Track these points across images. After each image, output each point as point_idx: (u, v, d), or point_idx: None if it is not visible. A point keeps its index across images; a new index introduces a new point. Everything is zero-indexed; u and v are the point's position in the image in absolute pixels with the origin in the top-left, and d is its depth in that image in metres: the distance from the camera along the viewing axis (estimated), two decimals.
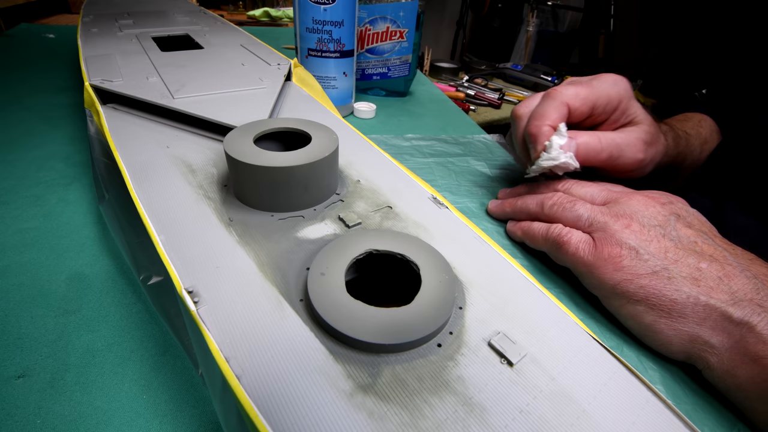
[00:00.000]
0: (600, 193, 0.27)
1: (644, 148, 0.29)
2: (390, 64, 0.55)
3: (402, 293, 0.17)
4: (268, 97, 0.30)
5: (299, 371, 0.13)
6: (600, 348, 0.15)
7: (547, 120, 0.28)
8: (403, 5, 0.51)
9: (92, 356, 0.20)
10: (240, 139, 0.21)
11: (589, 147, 0.28)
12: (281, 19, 1.13)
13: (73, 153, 0.37)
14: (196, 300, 0.15)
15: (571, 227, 0.25)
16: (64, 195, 0.31)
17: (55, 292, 0.23)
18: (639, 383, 0.14)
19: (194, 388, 0.19)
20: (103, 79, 0.30)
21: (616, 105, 0.29)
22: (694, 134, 0.42)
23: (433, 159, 0.41)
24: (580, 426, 0.12)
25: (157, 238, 0.18)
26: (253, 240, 0.18)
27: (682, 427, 0.13)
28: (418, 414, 0.12)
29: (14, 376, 0.19)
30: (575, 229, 0.25)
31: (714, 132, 0.44)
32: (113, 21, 0.49)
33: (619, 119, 0.30)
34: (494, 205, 0.33)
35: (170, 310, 0.20)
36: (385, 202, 0.22)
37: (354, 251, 0.16)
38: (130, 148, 0.24)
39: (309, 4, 0.42)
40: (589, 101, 0.29)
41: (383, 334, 0.13)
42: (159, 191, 0.21)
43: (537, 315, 0.16)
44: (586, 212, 0.25)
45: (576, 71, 1.56)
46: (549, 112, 0.28)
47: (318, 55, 0.45)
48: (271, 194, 0.20)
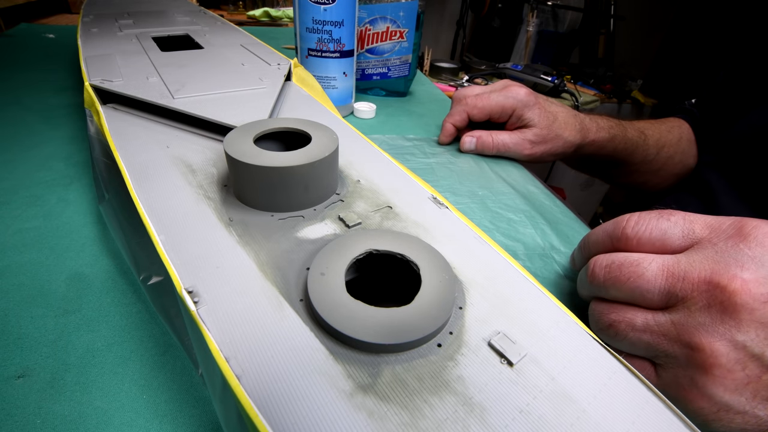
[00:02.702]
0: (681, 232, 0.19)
1: (530, 146, 0.40)
2: (390, 64, 0.55)
3: (402, 293, 0.17)
4: (268, 97, 0.30)
5: (299, 371, 0.13)
6: (600, 348, 0.15)
7: (450, 120, 0.42)
8: (403, 5, 0.51)
9: (92, 356, 0.20)
10: (240, 139, 0.21)
11: (482, 142, 0.41)
12: (281, 19, 1.13)
13: (73, 153, 0.37)
14: (196, 300, 0.15)
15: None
16: (64, 195, 0.31)
17: (55, 292, 0.23)
18: (639, 383, 0.14)
19: (194, 388, 0.19)
20: (103, 79, 0.30)
21: (510, 112, 0.40)
22: (652, 136, 0.48)
23: (434, 159, 0.41)
24: (580, 426, 0.12)
25: (157, 238, 0.18)
26: (253, 240, 0.18)
27: (682, 427, 0.13)
28: (418, 414, 0.12)
29: (14, 376, 0.19)
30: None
31: (683, 139, 0.50)
32: (113, 21, 0.49)
33: (515, 122, 0.40)
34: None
35: (170, 310, 0.20)
36: (385, 202, 0.22)
37: (354, 251, 0.16)
38: (130, 148, 0.24)
39: (309, 4, 0.42)
40: (484, 111, 0.40)
41: (383, 334, 0.13)
42: (159, 191, 0.21)
43: (537, 315, 0.16)
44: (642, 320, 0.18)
45: (576, 71, 1.55)
46: (453, 114, 0.42)
47: (318, 55, 0.45)
48: (271, 194, 0.20)
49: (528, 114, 0.39)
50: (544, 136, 0.39)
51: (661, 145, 0.48)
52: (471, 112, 0.40)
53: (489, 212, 0.33)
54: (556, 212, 0.34)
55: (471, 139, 0.41)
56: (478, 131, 0.41)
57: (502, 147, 0.40)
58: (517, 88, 0.39)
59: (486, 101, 0.40)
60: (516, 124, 0.40)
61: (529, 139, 0.39)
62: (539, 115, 0.39)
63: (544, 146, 0.40)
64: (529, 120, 0.39)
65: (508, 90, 0.39)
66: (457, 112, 0.41)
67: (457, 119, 0.41)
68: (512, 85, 0.40)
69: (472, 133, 0.41)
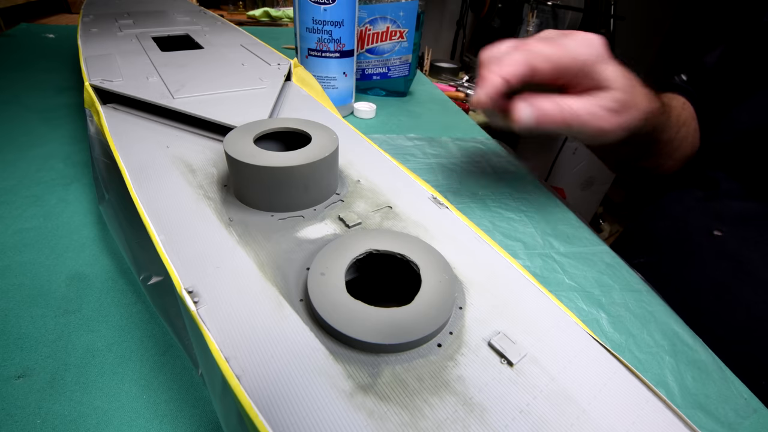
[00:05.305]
0: None
1: (608, 116, 0.27)
2: (390, 64, 0.55)
3: (402, 293, 0.17)
4: (268, 97, 0.30)
5: (299, 371, 0.13)
6: (600, 348, 0.15)
7: (500, 70, 0.25)
8: (403, 5, 0.51)
9: (92, 356, 0.20)
10: (240, 139, 0.21)
11: (544, 111, 0.26)
12: (281, 19, 1.13)
13: (73, 153, 0.37)
14: (196, 300, 0.15)
15: None
16: (64, 195, 0.31)
17: (55, 292, 0.23)
18: (639, 383, 0.14)
19: (194, 388, 0.19)
20: (103, 79, 0.30)
21: (585, 68, 0.27)
22: (674, 113, 0.39)
23: (435, 159, 0.41)
24: (580, 426, 0.12)
25: (157, 238, 0.18)
26: (253, 240, 0.18)
27: (682, 427, 0.13)
28: (418, 414, 0.12)
29: (14, 376, 0.19)
30: None
31: (692, 118, 0.42)
32: (113, 21, 0.49)
33: (582, 85, 0.27)
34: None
35: (170, 310, 0.20)
36: (385, 202, 0.22)
37: (354, 251, 0.16)
38: (130, 148, 0.24)
39: (309, 4, 0.42)
40: (557, 64, 0.26)
41: (383, 334, 0.13)
42: (159, 191, 0.21)
43: (537, 315, 0.16)
44: None
45: None
46: (506, 64, 0.25)
47: (318, 55, 0.45)
48: (271, 194, 0.20)
49: (605, 71, 0.27)
50: (625, 103, 0.27)
51: (681, 123, 0.41)
52: (535, 62, 0.26)
53: (489, 212, 0.33)
54: (556, 212, 0.34)
55: (527, 107, 0.26)
56: (533, 95, 0.27)
57: (572, 118, 0.26)
58: (590, 36, 0.27)
59: (561, 50, 0.26)
60: (581, 87, 0.27)
61: (607, 106, 0.27)
62: (619, 73, 0.27)
63: (623, 117, 0.28)
64: (604, 80, 0.27)
65: (575, 37, 0.27)
66: (513, 62, 0.26)
67: (510, 71, 0.25)
68: (575, 32, 0.27)
69: (528, 98, 0.26)
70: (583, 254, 0.30)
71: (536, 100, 0.26)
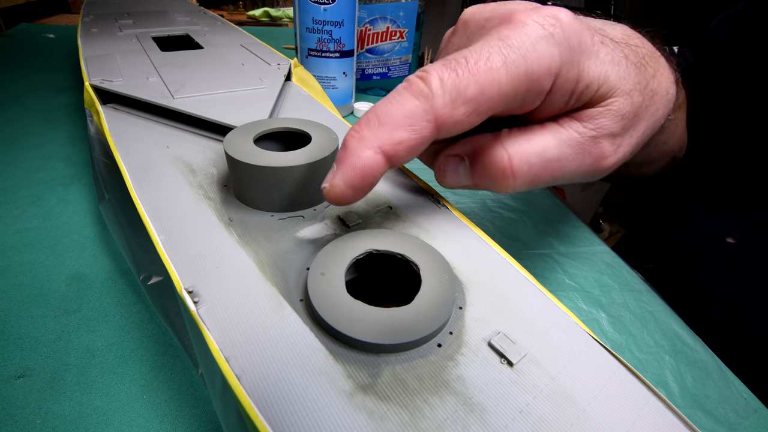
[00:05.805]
0: None
1: (608, 147, 0.16)
2: (390, 64, 0.55)
3: (402, 293, 0.17)
4: (268, 97, 0.30)
5: (299, 371, 0.13)
6: (600, 348, 0.15)
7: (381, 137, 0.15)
8: (403, 5, 0.51)
9: (92, 356, 0.20)
10: (240, 139, 0.21)
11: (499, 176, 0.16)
12: (281, 19, 1.13)
13: (73, 153, 0.37)
14: (196, 300, 0.15)
15: None
16: (64, 195, 0.31)
17: (55, 292, 0.23)
18: (639, 383, 0.14)
19: (194, 388, 0.19)
20: (103, 79, 0.30)
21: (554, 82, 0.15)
22: None
23: None
24: (580, 426, 0.12)
25: (157, 238, 0.18)
26: (253, 240, 0.18)
27: (682, 427, 0.13)
28: (418, 414, 0.12)
29: (14, 376, 0.19)
30: None
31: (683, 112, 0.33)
32: (113, 21, 0.49)
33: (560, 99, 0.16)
34: None
35: (170, 310, 0.20)
36: (385, 202, 0.22)
37: (354, 251, 0.16)
38: (130, 148, 0.24)
39: (309, 4, 0.42)
40: (479, 109, 0.14)
41: (383, 334, 0.13)
42: (159, 191, 0.21)
43: (537, 315, 0.16)
44: None
45: None
46: (396, 124, 0.14)
47: (318, 55, 0.45)
48: (271, 194, 0.20)
49: (590, 71, 0.15)
50: (634, 113, 0.16)
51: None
52: (441, 122, 0.14)
53: (489, 212, 0.33)
54: (556, 212, 0.34)
55: (459, 166, 0.18)
56: (469, 140, 0.17)
57: (544, 171, 0.16)
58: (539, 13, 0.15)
59: (496, 72, 0.14)
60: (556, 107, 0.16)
61: (603, 131, 0.16)
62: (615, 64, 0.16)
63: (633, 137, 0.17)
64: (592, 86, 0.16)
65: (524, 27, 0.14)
66: (406, 120, 0.14)
67: (402, 137, 0.14)
68: (519, 15, 0.15)
69: (465, 146, 0.17)
70: (583, 254, 0.30)
71: (481, 150, 0.16)
